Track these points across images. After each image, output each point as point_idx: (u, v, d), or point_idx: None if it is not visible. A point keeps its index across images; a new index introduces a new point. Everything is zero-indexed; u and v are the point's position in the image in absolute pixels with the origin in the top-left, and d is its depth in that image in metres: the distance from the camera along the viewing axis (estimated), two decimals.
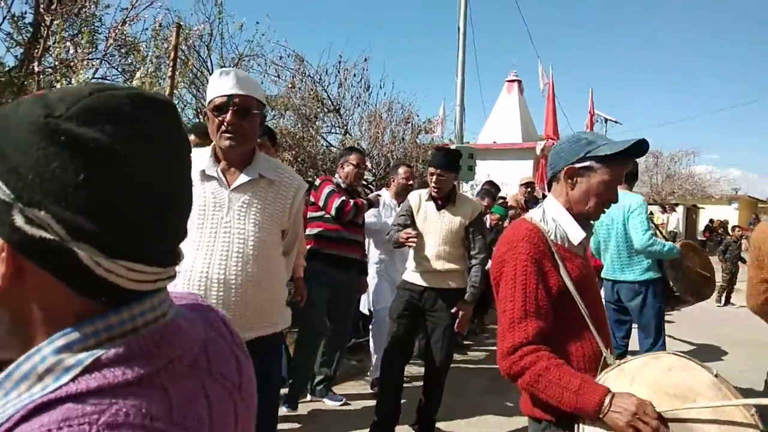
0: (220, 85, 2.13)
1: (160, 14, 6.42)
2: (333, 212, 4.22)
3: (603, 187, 1.73)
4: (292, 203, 2.29)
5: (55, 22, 5.33)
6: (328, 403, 4.53)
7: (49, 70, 5.56)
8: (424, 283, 3.78)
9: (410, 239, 3.64)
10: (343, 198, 4.23)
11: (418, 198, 3.92)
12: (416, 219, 3.87)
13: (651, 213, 6.71)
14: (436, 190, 3.76)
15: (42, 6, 5.93)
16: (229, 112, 2.11)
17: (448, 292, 3.75)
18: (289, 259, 2.44)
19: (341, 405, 4.52)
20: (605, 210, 1.79)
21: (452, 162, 3.82)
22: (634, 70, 70.62)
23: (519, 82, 17.22)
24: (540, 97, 15.13)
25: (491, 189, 6.86)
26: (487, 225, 6.03)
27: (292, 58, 9.36)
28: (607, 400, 1.48)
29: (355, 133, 9.52)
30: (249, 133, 2.17)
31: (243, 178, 2.21)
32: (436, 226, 3.79)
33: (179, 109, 8.39)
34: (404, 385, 3.99)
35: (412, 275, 3.87)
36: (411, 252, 3.91)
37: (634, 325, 4.65)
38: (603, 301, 2.12)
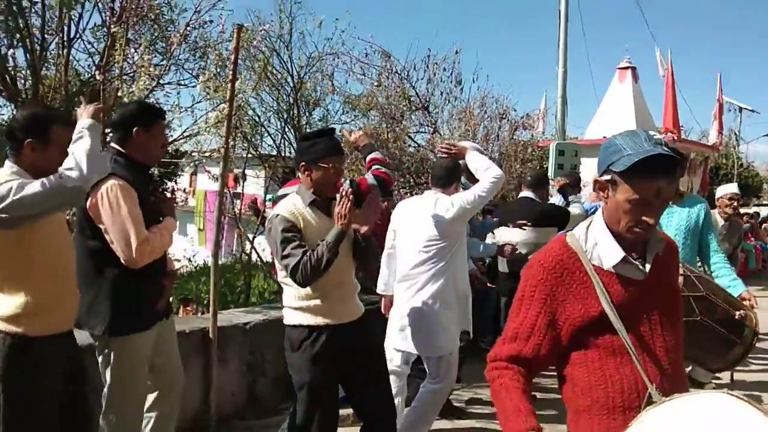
0: None
1: (223, 17, 6.20)
2: None
3: (629, 204, 1.57)
4: None
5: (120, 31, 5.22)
6: None
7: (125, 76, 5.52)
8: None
9: None
10: None
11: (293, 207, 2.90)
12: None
13: None
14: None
15: (114, 16, 5.83)
16: None
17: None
18: None
19: None
20: (641, 230, 1.59)
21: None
22: None
23: (633, 68, 15.66)
24: (659, 85, 13.67)
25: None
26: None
27: (378, 54, 8.89)
28: None
29: (445, 132, 8.87)
30: None
31: None
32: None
33: (260, 112, 8.25)
34: None
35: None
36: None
37: None
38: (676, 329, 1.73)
